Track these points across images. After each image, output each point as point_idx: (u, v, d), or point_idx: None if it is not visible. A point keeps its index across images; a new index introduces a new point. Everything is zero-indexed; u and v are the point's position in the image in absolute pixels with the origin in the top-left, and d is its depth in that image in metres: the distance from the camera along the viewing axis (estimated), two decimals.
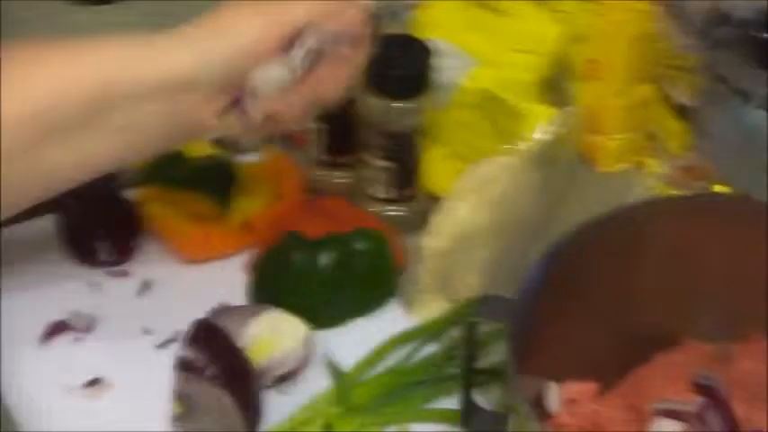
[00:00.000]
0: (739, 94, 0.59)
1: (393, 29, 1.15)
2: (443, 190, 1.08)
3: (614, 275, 0.84)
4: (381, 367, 0.96)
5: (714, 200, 0.89)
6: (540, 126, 1.07)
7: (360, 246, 1.00)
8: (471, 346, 0.80)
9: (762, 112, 0.58)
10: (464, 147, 1.12)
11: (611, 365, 0.87)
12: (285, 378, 0.95)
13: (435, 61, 1.06)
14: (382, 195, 1.08)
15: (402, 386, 0.94)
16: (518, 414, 0.74)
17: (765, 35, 0.55)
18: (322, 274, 0.99)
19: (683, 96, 0.89)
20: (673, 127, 1.13)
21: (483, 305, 0.79)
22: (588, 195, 1.14)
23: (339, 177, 1.10)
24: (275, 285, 0.99)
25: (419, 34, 1.11)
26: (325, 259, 0.99)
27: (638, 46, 1.09)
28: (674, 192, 1.10)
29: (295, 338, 0.95)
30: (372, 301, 1.02)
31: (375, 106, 1.03)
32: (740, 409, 0.82)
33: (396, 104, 1.03)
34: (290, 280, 0.98)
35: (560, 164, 1.09)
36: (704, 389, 0.83)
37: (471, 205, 1.04)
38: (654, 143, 1.14)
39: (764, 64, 0.56)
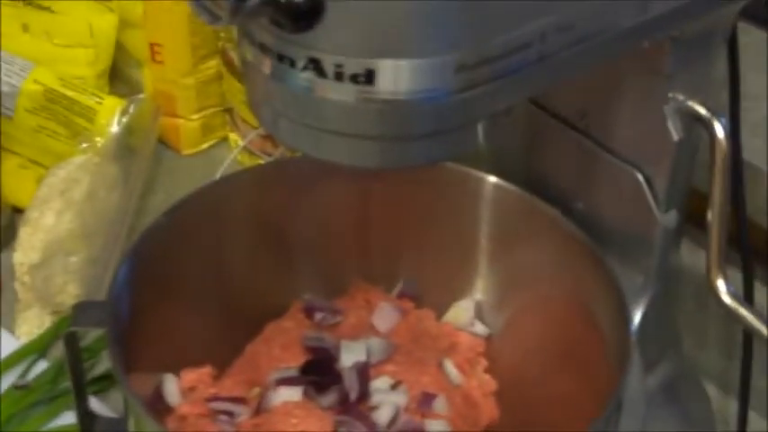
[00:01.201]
0: (283, 59, 0.59)
1: None
2: (25, 200, 1.05)
3: (208, 255, 0.84)
4: None
5: (292, 164, 0.89)
6: (112, 118, 1.05)
7: None
8: (75, 356, 0.77)
9: (308, 74, 0.58)
10: (39, 152, 1.09)
11: (227, 345, 0.86)
12: None
13: None
14: None
15: (19, 410, 0.91)
16: (135, 414, 0.72)
17: None
18: None
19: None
20: (245, 98, 1.14)
21: (79, 313, 0.76)
22: (177, 180, 1.13)
23: None
24: None
25: None
26: None
27: (196, 22, 1.09)
28: (258, 161, 1.10)
29: None
30: None
31: None
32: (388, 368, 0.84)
33: None
34: None
35: (140, 153, 1.08)
36: (315, 350, 0.84)
37: (56, 211, 1.01)
38: (232, 116, 1.14)
39: (295, 27, 0.56)
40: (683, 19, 0.69)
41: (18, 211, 1.06)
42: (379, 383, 0.82)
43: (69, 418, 0.89)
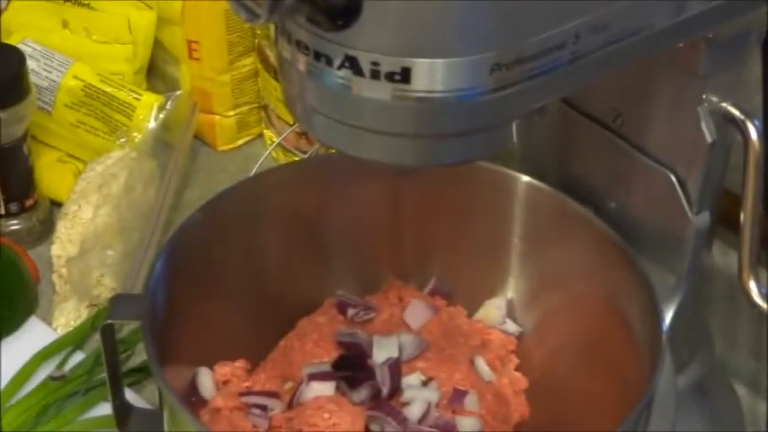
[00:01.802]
0: (320, 57, 0.60)
1: None
2: (63, 194, 1.06)
3: (243, 250, 0.84)
4: (32, 386, 0.92)
5: (326, 161, 0.90)
6: (149, 114, 1.06)
7: None
8: (111, 348, 0.78)
9: (345, 72, 0.59)
10: (77, 147, 1.10)
11: (261, 340, 0.87)
12: None
13: (29, 65, 1.02)
14: (0, 211, 1.03)
15: (55, 401, 0.91)
16: (169, 406, 0.73)
17: None
18: None
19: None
20: (281, 95, 1.14)
21: (116, 306, 0.77)
22: (213, 176, 1.14)
23: None
24: None
25: (6, 39, 1.07)
26: None
27: (232, 20, 1.09)
28: (293, 158, 1.11)
29: None
30: (14, 319, 0.98)
31: None
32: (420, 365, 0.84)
33: None
34: None
35: (177, 149, 1.08)
36: (348, 346, 0.84)
37: (94, 205, 1.02)
38: (267, 113, 1.15)
39: (333, 25, 0.57)
40: (717, 20, 0.69)
41: (56, 204, 1.07)
42: (411, 380, 0.83)
43: (105, 409, 0.90)
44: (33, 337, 0.97)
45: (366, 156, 0.64)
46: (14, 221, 1.04)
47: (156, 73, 1.17)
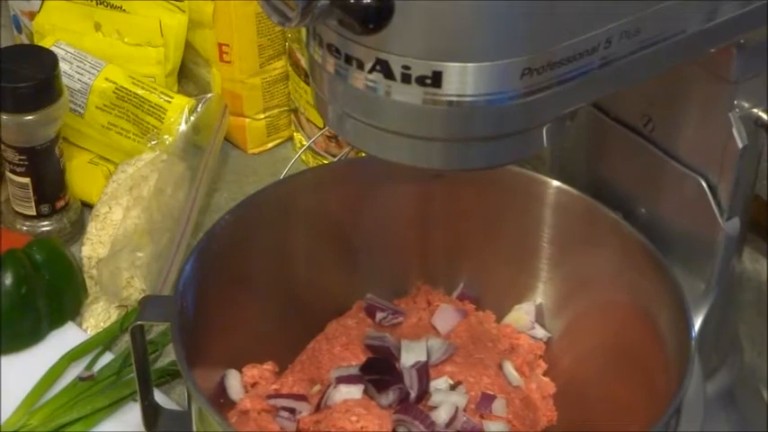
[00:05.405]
0: (351, 60, 0.60)
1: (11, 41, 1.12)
2: (94, 196, 1.06)
3: (272, 253, 0.84)
4: (61, 386, 0.93)
5: (356, 164, 0.90)
6: (180, 116, 1.06)
7: (40, 256, 0.97)
8: (141, 349, 0.78)
9: (376, 75, 0.59)
10: (108, 149, 1.10)
11: (289, 343, 0.87)
12: None
13: (62, 67, 1.02)
14: (32, 212, 1.04)
15: (83, 400, 0.92)
16: (198, 408, 0.73)
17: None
18: (10, 296, 0.94)
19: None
20: (311, 98, 1.15)
21: (146, 307, 0.77)
22: (242, 179, 1.14)
23: None
24: None
25: (39, 42, 1.07)
26: (7, 279, 0.94)
27: (263, 23, 1.10)
28: (323, 161, 1.11)
29: None
30: (64, 311, 0.98)
31: (7, 123, 0.99)
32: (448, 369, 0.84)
33: (28, 117, 0.99)
34: None
35: (207, 152, 1.09)
36: (376, 349, 0.84)
37: (124, 207, 1.02)
38: (297, 117, 1.15)
39: (364, 29, 0.57)
40: (749, 25, 0.69)
41: (87, 206, 1.08)
42: (439, 383, 0.83)
43: (133, 410, 0.90)
44: (63, 338, 0.97)
45: (396, 159, 0.64)
46: (46, 223, 1.05)
47: (187, 75, 1.17)
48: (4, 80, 0.98)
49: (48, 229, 1.05)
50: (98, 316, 0.99)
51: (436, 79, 0.59)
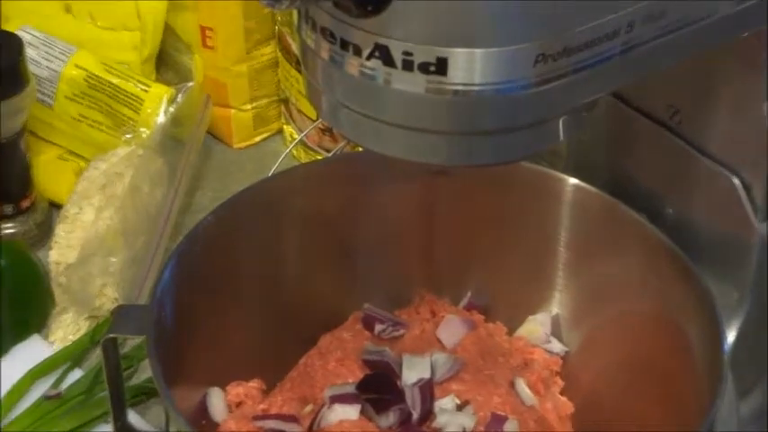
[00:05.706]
0: (347, 45, 0.60)
1: None
2: (63, 195, 1.06)
3: (260, 258, 0.84)
4: (24, 406, 0.93)
5: (352, 160, 0.90)
6: (158, 107, 1.07)
7: (3, 261, 0.97)
8: (114, 365, 0.78)
9: (374, 62, 0.59)
10: (79, 143, 1.10)
11: (278, 358, 0.87)
12: None
13: (28, 53, 1.03)
14: None
15: (49, 422, 0.92)
16: (177, 430, 0.73)
17: None
18: None
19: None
20: (303, 88, 1.15)
21: (119, 318, 0.77)
22: (227, 176, 1.14)
23: None
24: None
25: (3, 26, 1.07)
26: None
27: (250, 5, 1.10)
28: (316, 157, 1.11)
29: None
30: (30, 321, 0.99)
31: None
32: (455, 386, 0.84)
33: None
34: None
35: (188, 146, 1.09)
36: (375, 365, 0.84)
37: (96, 207, 1.02)
38: (287, 107, 1.15)
39: (362, 11, 0.57)
40: None
41: (55, 206, 1.08)
42: (445, 403, 0.83)
43: (106, 429, 0.90)
44: (27, 352, 0.97)
45: (396, 154, 0.64)
46: (9, 225, 1.05)
47: (166, 62, 1.17)
48: None
49: (12, 231, 1.05)
50: (66, 328, 1.00)
51: (441, 66, 0.59)
